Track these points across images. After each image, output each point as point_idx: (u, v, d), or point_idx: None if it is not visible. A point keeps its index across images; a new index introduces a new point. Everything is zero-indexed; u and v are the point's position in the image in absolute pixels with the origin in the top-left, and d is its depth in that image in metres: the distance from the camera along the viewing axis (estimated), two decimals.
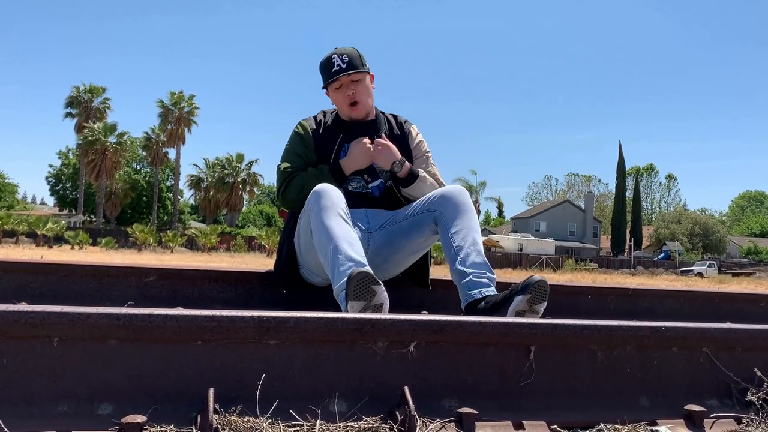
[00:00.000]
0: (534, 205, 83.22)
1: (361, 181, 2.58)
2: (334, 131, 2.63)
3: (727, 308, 3.14)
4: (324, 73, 2.61)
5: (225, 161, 59.61)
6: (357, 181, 2.58)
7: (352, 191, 2.55)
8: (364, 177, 2.59)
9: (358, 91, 2.58)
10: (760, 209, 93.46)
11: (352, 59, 2.56)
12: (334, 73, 2.55)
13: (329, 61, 2.57)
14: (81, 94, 55.58)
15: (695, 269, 41.67)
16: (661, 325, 1.68)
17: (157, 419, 1.32)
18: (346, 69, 2.54)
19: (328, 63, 2.58)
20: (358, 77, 2.57)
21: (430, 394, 1.50)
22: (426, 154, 2.71)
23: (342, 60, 2.55)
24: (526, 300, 2.04)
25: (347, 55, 2.56)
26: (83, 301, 2.44)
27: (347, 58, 2.56)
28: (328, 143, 2.60)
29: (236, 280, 2.64)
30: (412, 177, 2.54)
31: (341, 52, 2.58)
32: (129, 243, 40.73)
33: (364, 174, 2.59)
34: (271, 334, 1.42)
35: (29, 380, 1.31)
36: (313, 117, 2.70)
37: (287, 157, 2.61)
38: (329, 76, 2.58)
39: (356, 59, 2.57)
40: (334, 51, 2.59)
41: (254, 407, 1.37)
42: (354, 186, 2.57)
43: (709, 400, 1.70)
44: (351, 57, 2.57)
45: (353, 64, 2.56)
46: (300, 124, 2.66)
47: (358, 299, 1.90)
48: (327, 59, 2.59)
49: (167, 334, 1.37)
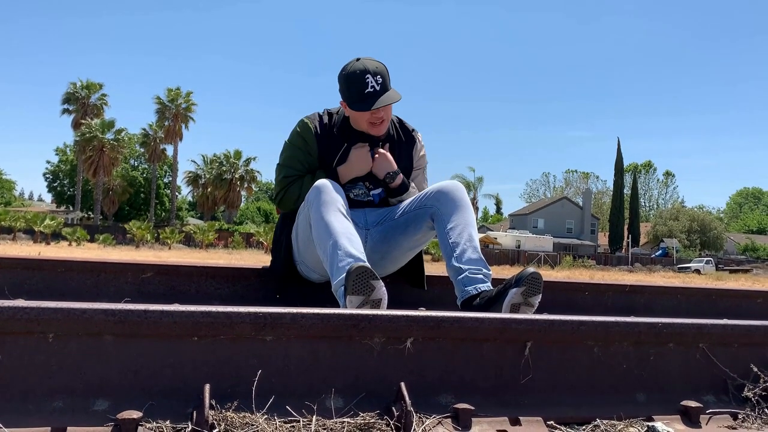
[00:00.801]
0: (532, 202, 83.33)
1: (363, 188, 2.53)
2: (340, 138, 2.50)
3: (724, 305, 3.14)
4: (352, 91, 2.36)
5: (223, 158, 59.63)
6: (359, 188, 2.53)
7: (353, 199, 2.51)
8: (365, 184, 2.53)
9: (387, 112, 2.43)
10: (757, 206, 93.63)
11: (385, 80, 2.36)
12: (367, 96, 2.33)
13: (361, 80, 2.33)
14: (78, 90, 55.54)
15: (693, 266, 41.78)
16: (657, 321, 1.68)
17: (153, 415, 1.32)
18: (380, 92, 2.33)
19: (359, 81, 2.33)
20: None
21: (427, 390, 1.50)
22: (423, 167, 2.70)
23: (377, 82, 2.34)
24: (520, 293, 2.05)
25: (381, 76, 2.35)
26: (80, 298, 2.43)
27: (381, 80, 2.35)
28: (332, 150, 2.49)
29: (233, 277, 2.64)
30: (404, 188, 2.53)
31: (374, 70, 2.34)
32: (126, 239, 40.75)
33: (365, 181, 2.53)
34: (267, 330, 1.41)
35: (25, 376, 1.31)
36: (318, 116, 2.55)
37: (287, 163, 2.50)
38: (361, 100, 2.35)
39: (387, 79, 2.38)
40: (365, 66, 2.35)
41: (250, 403, 1.37)
42: (355, 193, 2.52)
43: (705, 396, 1.71)
44: (384, 78, 2.36)
45: (386, 86, 2.37)
46: (303, 124, 2.52)
47: (356, 294, 1.91)
48: (357, 77, 2.34)
49: (163, 329, 1.36)
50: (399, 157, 2.57)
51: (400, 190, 2.53)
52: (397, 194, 2.53)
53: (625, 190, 67.22)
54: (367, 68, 2.35)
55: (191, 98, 56.62)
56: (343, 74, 2.40)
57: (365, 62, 2.38)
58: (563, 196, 75.36)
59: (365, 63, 2.37)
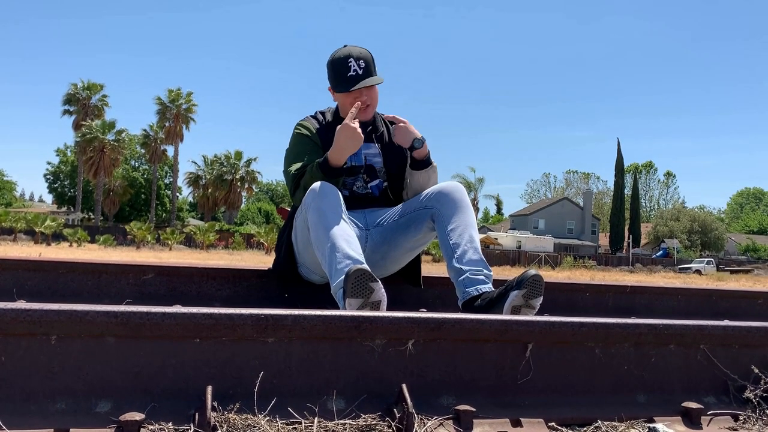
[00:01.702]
0: (532, 202, 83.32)
1: (361, 180, 2.55)
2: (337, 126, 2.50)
3: (724, 305, 3.14)
4: (336, 75, 2.45)
5: (223, 158, 59.63)
6: (359, 180, 2.54)
7: (354, 191, 2.52)
8: (363, 177, 2.55)
9: (371, 96, 2.49)
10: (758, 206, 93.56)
11: (368, 65, 2.43)
12: (350, 79, 2.41)
13: (344, 64, 2.42)
14: (79, 91, 55.57)
15: (693, 267, 41.74)
16: (658, 322, 1.68)
17: (155, 417, 1.32)
18: (363, 76, 2.41)
19: (342, 66, 2.42)
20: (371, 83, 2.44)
21: (428, 392, 1.50)
22: None
23: (359, 66, 2.41)
24: (521, 295, 2.05)
25: (364, 60, 2.42)
26: (81, 299, 2.44)
27: (364, 64, 2.42)
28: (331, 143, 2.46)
29: (234, 278, 2.64)
30: (428, 161, 2.52)
31: (357, 55, 2.42)
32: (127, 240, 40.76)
33: (363, 174, 2.55)
34: (269, 332, 1.42)
35: (27, 378, 1.31)
36: (313, 117, 2.59)
37: (295, 159, 2.46)
38: (345, 82, 2.42)
39: (371, 65, 2.45)
40: (348, 52, 2.44)
41: (252, 405, 1.37)
42: (357, 186, 2.54)
43: (706, 397, 1.71)
44: (367, 63, 2.43)
45: (370, 71, 2.44)
46: (301, 125, 2.54)
47: (355, 296, 1.91)
48: (341, 61, 2.43)
49: (165, 331, 1.37)
50: (392, 151, 2.59)
51: (426, 162, 2.51)
52: (424, 166, 2.51)
53: (626, 190, 67.18)
54: (350, 53, 2.44)
55: (192, 99, 56.64)
56: (329, 60, 2.50)
57: (350, 48, 2.47)
58: (564, 196, 75.34)
59: (350, 49, 2.47)
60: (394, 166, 2.58)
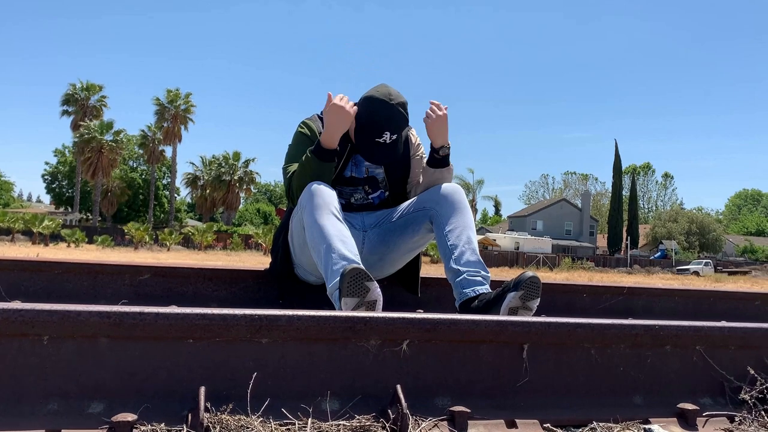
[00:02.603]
0: (531, 203, 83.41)
1: (362, 192, 2.54)
2: (342, 141, 2.44)
3: (722, 307, 3.14)
4: (364, 128, 2.39)
5: (222, 159, 59.54)
6: (359, 192, 2.53)
7: (354, 203, 2.52)
8: (364, 188, 2.54)
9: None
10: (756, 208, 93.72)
11: (397, 140, 2.41)
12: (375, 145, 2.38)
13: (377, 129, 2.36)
14: (77, 91, 55.50)
15: (691, 268, 41.79)
16: (654, 323, 1.68)
17: (148, 418, 1.32)
18: (383, 153, 2.39)
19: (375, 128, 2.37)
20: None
21: (423, 393, 1.50)
22: (422, 155, 2.70)
23: (391, 138, 2.38)
24: (518, 296, 2.04)
25: (397, 134, 2.40)
26: (77, 299, 2.43)
27: (395, 138, 2.40)
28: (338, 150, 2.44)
29: (231, 279, 2.64)
30: (447, 161, 2.51)
31: (395, 126, 2.38)
32: (125, 241, 40.72)
33: (364, 185, 2.53)
34: (263, 333, 1.41)
35: (19, 378, 1.31)
36: (319, 117, 2.54)
37: (292, 159, 2.44)
38: (366, 143, 2.39)
39: (402, 137, 2.45)
40: (390, 117, 2.37)
41: (246, 406, 1.36)
42: (356, 198, 2.53)
43: (702, 398, 1.71)
44: (398, 137, 2.41)
45: (395, 146, 2.42)
46: (305, 124, 2.51)
47: (351, 296, 1.90)
48: (376, 123, 2.37)
49: (158, 332, 1.36)
50: (396, 163, 2.56)
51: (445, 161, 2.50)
52: (441, 165, 2.50)
53: (624, 191, 67.24)
54: (391, 118, 2.37)
55: (190, 100, 56.61)
56: (368, 105, 2.40)
57: (392, 110, 2.37)
58: (562, 197, 75.39)
59: (391, 111, 2.37)
60: (397, 177, 2.57)
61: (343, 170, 2.51)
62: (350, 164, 2.53)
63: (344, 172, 2.51)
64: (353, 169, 2.52)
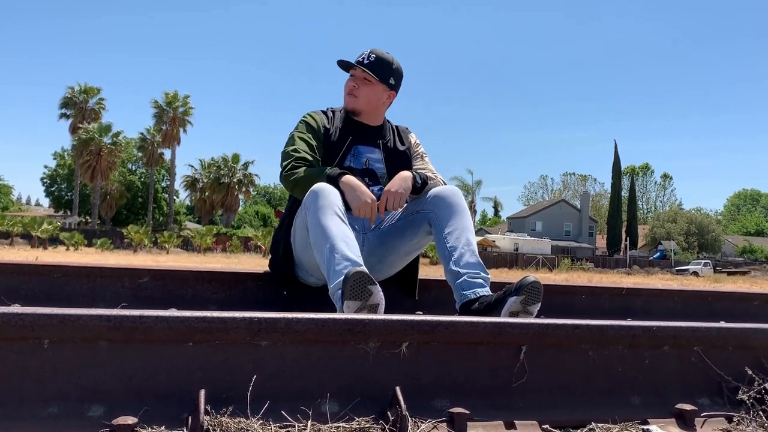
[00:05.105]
0: (530, 204, 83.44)
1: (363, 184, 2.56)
2: (344, 132, 2.55)
3: (721, 307, 3.15)
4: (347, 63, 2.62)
5: (221, 162, 59.53)
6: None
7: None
8: (364, 180, 2.54)
9: (362, 88, 2.55)
10: (755, 208, 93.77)
11: (377, 62, 2.55)
12: (355, 62, 2.56)
13: (360, 54, 2.60)
14: (76, 94, 55.46)
15: (691, 268, 41.79)
16: (652, 324, 1.69)
17: (148, 421, 1.32)
18: (363, 64, 2.54)
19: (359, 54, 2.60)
20: (370, 79, 2.54)
21: (422, 394, 1.50)
22: (421, 153, 2.71)
23: (369, 57, 2.56)
24: (519, 301, 2.05)
25: (376, 56, 2.56)
26: (76, 303, 2.43)
27: (374, 57, 2.56)
28: (338, 143, 2.53)
29: (230, 281, 2.64)
30: (425, 184, 2.48)
31: (377, 53, 2.58)
32: (124, 244, 40.65)
33: (365, 178, 2.54)
34: (262, 335, 1.42)
35: (19, 382, 1.31)
36: (323, 111, 2.63)
37: (296, 143, 2.48)
38: (350, 63, 2.58)
39: (381, 67, 2.56)
40: (378, 51, 2.59)
41: (245, 408, 1.37)
42: None
43: (700, 398, 1.71)
44: (378, 60, 2.56)
45: (374, 66, 2.54)
46: (310, 116, 2.58)
47: (354, 299, 1.90)
48: (363, 52, 2.61)
49: (158, 335, 1.36)
50: (396, 158, 2.61)
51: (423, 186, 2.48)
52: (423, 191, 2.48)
53: (623, 192, 67.31)
54: (373, 49, 2.59)
55: (189, 102, 56.60)
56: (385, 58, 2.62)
57: (380, 50, 2.60)
58: (561, 198, 75.41)
59: (379, 50, 2.60)
60: (397, 173, 2.58)
61: (342, 161, 2.53)
62: (349, 155, 2.56)
63: (343, 162, 2.53)
64: (352, 159, 2.55)
